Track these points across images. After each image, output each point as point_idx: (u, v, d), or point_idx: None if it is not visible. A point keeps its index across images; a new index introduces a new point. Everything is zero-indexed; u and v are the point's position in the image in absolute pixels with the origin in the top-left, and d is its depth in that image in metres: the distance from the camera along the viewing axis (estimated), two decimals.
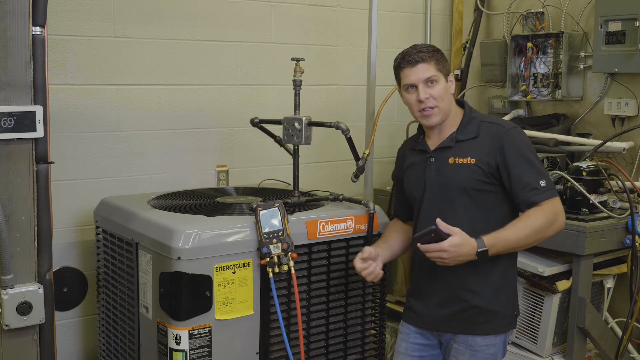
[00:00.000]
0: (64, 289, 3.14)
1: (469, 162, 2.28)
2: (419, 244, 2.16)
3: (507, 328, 2.39)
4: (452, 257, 2.13)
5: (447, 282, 2.33)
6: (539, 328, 2.95)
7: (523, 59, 3.76)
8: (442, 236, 2.11)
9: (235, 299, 2.43)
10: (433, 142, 2.38)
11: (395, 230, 2.60)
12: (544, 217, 2.21)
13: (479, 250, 2.13)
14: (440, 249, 2.11)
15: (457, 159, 2.30)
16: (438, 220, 2.12)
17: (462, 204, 2.28)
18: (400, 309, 2.77)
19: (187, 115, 3.41)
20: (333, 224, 2.65)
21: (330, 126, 2.76)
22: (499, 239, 2.17)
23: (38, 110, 2.26)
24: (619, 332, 3.12)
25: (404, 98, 2.37)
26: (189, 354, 2.36)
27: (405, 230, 2.58)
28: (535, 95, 3.74)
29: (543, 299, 2.93)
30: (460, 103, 2.43)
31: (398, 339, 2.49)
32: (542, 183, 2.24)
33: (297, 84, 2.83)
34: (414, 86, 2.30)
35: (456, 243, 2.11)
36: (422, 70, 2.28)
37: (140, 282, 2.56)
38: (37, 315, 2.31)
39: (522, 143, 2.29)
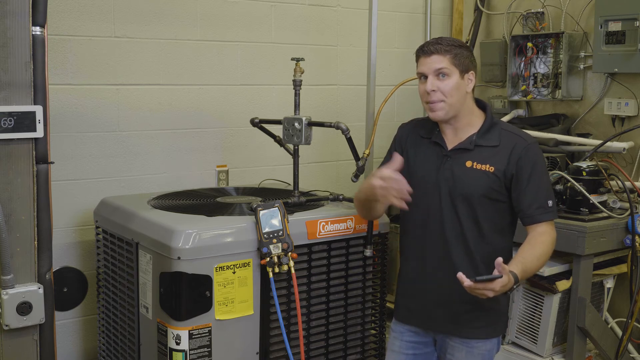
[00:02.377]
0: (64, 289, 3.14)
1: (487, 169, 2.24)
2: (468, 284, 2.02)
3: (503, 330, 2.40)
4: (496, 294, 2.06)
5: (448, 283, 2.28)
6: (539, 328, 2.95)
7: (523, 59, 3.76)
8: (493, 277, 2.04)
9: (235, 299, 2.43)
10: (449, 140, 2.31)
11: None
12: (551, 244, 2.23)
13: (514, 287, 2.10)
14: (492, 289, 2.03)
15: (475, 163, 2.25)
16: (499, 260, 2.02)
17: (471, 209, 2.25)
18: None
19: (187, 115, 3.42)
20: (333, 224, 2.65)
21: (330, 126, 2.76)
22: (525, 272, 2.15)
23: (38, 110, 2.26)
24: (619, 332, 3.12)
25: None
26: (189, 354, 2.36)
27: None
28: (535, 95, 3.74)
29: (543, 299, 2.93)
30: (482, 105, 2.36)
31: (391, 338, 2.46)
32: (550, 203, 2.24)
33: (297, 84, 2.83)
34: (425, 76, 2.24)
35: (505, 283, 2.04)
36: (434, 61, 2.22)
37: (140, 282, 2.56)
38: (37, 315, 2.31)
39: (540, 160, 2.27)
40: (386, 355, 2.49)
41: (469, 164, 2.26)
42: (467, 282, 2.02)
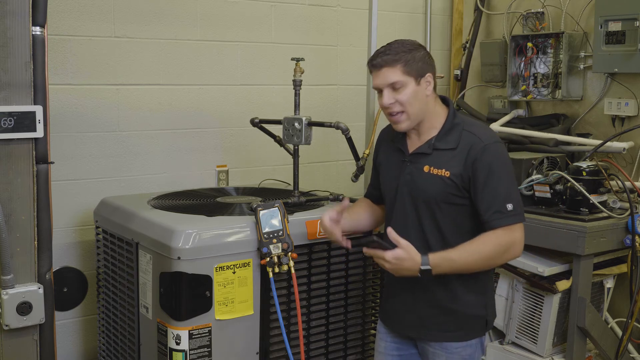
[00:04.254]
0: (64, 289, 3.14)
1: (443, 174, 2.17)
2: (364, 248, 2.13)
3: (481, 332, 2.30)
4: (394, 268, 2.08)
5: (412, 287, 2.25)
6: (539, 328, 2.95)
7: (523, 59, 3.76)
8: (386, 246, 2.07)
9: (235, 299, 2.43)
10: (412, 143, 2.27)
11: (364, 208, 2.47)
12: (495, 246, 2.13)
13: (422, 268, 2.07)
14: (383, 257, 2.06)
15: (432, 168, 2.19)
16: (389, 230, 2.06)
17: (432, 214, 2.21)
18: None
19: (187, 115, 3.42)
20: None
21: (330, 126, 2.77)
22: (445, 260, 2.10)
23: (38, 110, 2.26)
24: (619, 332, 3.12)
25: None
26: (189, 354, 2.36)
27: (374, 211, 2.48)
28: (535, 95, 3.74)
29: (543, 299, 2.93)
30: (445, 102, 2.27)
31: (377, 339, 2.44)
32: (509, 207, 2.12)
33: (297, 84, 2.83)
34: (381, 90, 2.20)
35: (399, 256, 2.05)
36: (386, 75, 2.16)
37: (140, 282, 2.56)
38: (37, 315, 2.31)
39: (498, 160, 2.15)
40: (374, 356, 2.47)
41: (426, 168, 2.21)
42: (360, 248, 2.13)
